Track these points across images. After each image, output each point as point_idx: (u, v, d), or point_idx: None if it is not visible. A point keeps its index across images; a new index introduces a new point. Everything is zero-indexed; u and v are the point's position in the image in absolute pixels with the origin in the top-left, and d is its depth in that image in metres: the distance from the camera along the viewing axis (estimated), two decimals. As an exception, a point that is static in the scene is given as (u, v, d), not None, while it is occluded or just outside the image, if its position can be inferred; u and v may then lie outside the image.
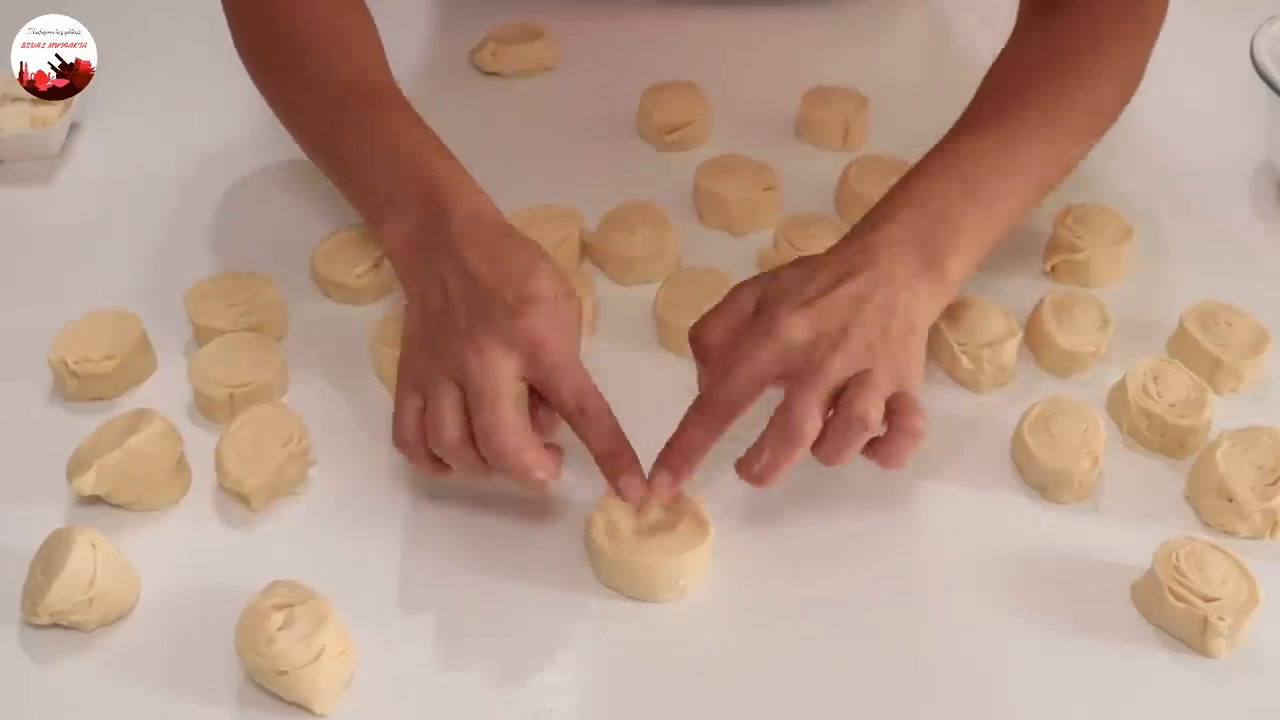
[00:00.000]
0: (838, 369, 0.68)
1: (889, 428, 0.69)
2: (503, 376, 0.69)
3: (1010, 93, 0.82)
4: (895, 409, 0.69)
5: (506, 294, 0.70)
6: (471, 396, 0.69)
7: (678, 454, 0.70)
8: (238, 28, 0.90)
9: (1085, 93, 0.82)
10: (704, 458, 0.70)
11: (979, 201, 0.76)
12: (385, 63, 0.87)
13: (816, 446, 0.69)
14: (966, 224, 0.75)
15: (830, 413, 0.69)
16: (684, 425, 0.70)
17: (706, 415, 0.70)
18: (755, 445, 0.69)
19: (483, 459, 0.70)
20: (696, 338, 0.74)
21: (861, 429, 0.68)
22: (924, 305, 0.72)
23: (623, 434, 0.71)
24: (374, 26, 0.89)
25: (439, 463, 0.71)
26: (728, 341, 0.72)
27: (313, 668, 0.65)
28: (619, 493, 0.71)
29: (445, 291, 0.72)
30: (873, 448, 0.70)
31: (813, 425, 0.68)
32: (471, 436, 0.69)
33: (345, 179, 0.83)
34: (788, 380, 0.69)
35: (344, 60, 0.85)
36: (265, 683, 0.66)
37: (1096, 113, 0.84)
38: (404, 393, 0.72)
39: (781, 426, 0.68)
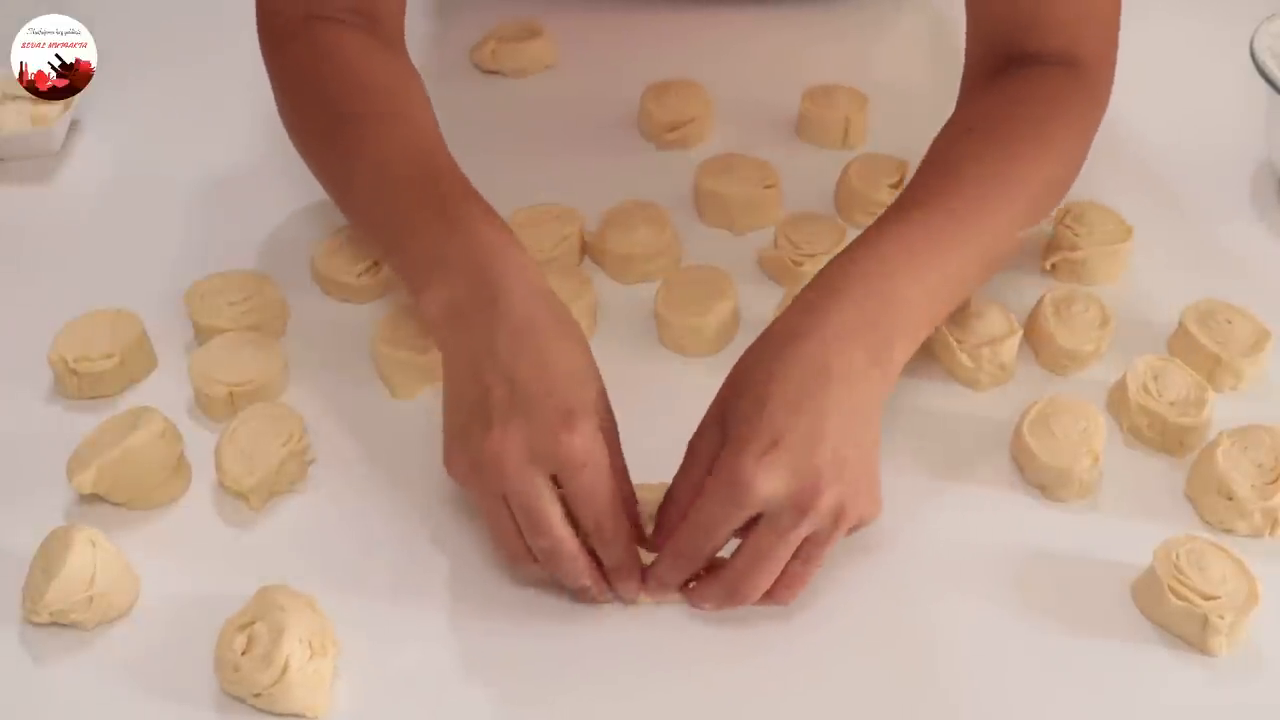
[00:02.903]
0: (801, 534, 0.66)
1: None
2: (543, 494, 0.66)
3: (961, 165, 0.79)
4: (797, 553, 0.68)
5: (549, 404, 0.66)
6: (519, 515, 0.67)
7: (655, 586, 0.70)
8: (279, 88, 0.87)
9: (1035, 172, 0.80)
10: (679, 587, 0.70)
11: (927, 280, 0.73)
12: (433, 121, 0.82)
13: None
14: (912, 305, 0.72)
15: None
16: (659, 564, 0.70)
17: (681, 562, 0.69)
18: (703, 592, 0.69)
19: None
20: (667, 505, 0.71)
21: (790, 595, 0.69)
22: (873, 397, 0.69)
23: (634, 548, 0.70)
24: (419, 80, 0.85)
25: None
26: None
27: (281, 685, 0.64)
28: (617, 593, 0.70)
29: (484, 380, 0.68)
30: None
31: (759, 593, 0.68)
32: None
33: (387, 244, 0.78)
34: (754, 542, 0.67)
35: (391, 123, 0.80)
36: (251, 704, 0.66)
37: (1044, 194, 0.82)
38: (464, 486, 0.70)
39: (731, 592, 0.68)
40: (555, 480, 0.67)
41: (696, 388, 0.73)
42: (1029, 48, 0.84)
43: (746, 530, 0.67)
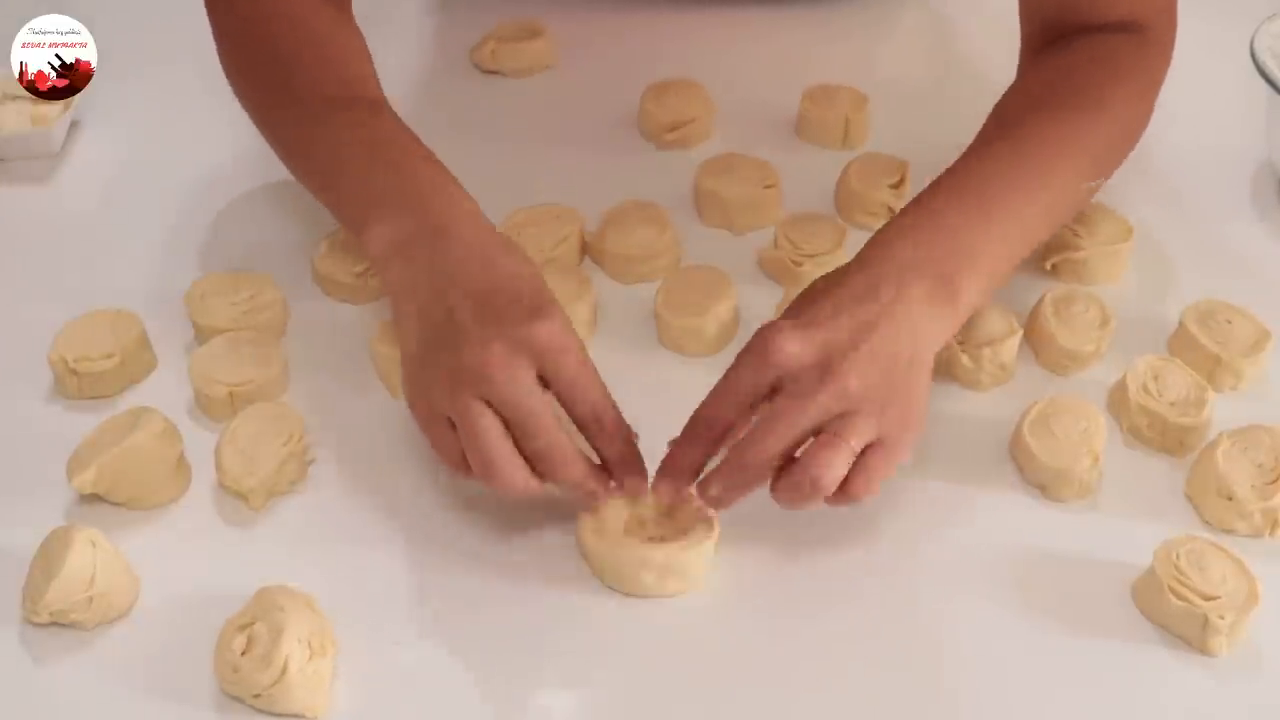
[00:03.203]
0: (821, 405, 0.65)
1: (844, 480, 0.66)
2: (534, 391, 0.66)
3: (1023, 123, 0.80)
4: (859, 462, 0.66)
5: (521, 301, 0.68)
6: (511, 417, 0.66)
7: (672, 470, 0.69)
8: (222, 41, 0.89)
9: (1097, 129, 0.81)
10: (700, 472, 0.69)
11: (994, 222, 0.74)
12: (372, 73, 0.85)
13: (773, 486, 0.67)
14: (980, 245, 0.72)
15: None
16: (678, 442, 0.69)
17: (698, 434, 0.68)
18: (715, 469, 0.68)
19: (535, 477, 0.68)
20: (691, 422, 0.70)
21: (813, 491, 0.65)
22: (931, 333, 0.70)
23: (634, 443, 0.70)
24: (362, 38, 0.87)
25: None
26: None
27: (281, 685, 0.64)
28: (623, 489, 0.70)
29: (448, 300, 0.69)
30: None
31: (768, 466, 0.66)
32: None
33: (325, 184, 0.81)
34: (771, 406, 0.67)
35: (329, 71, 0.83)
36: (251, 704, 0.66)
37: (1106, 151, 0.83)
38: (430, 420, 0.69)
39: (738, 459, 0.66)
40: (542, 383, 0.67)
41: (696, 388, 0.73)
42: (1091, 19, 0.85)
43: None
